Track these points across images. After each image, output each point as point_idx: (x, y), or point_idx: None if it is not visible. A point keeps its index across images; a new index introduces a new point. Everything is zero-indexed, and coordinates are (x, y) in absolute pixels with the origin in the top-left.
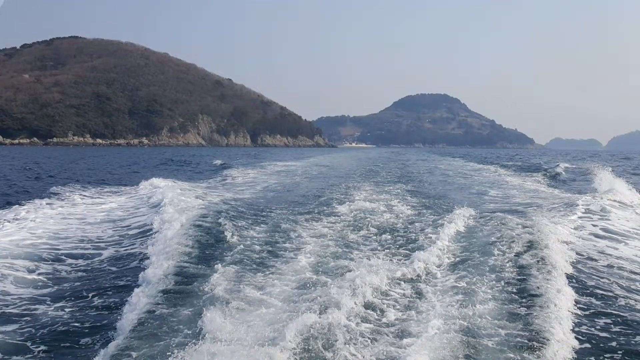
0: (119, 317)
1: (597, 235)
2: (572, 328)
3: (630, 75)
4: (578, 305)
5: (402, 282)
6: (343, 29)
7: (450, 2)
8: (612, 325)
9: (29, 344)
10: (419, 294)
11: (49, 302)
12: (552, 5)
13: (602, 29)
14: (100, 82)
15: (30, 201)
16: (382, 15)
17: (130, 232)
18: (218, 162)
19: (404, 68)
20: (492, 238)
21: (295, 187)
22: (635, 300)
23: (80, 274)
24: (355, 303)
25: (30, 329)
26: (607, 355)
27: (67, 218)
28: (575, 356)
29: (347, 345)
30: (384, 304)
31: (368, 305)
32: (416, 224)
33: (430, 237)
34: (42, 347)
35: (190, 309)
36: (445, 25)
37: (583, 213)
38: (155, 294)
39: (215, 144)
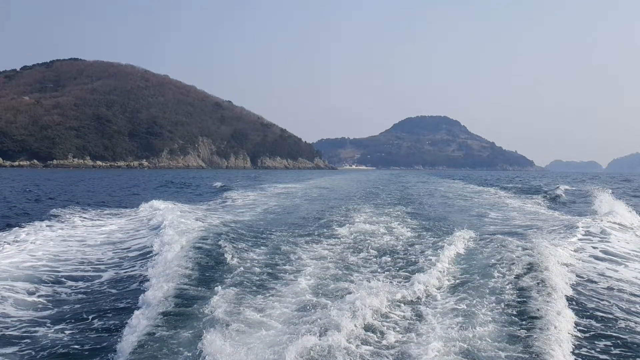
0: (119, 340)
1: (597, 258)
2: (572, 350)
3: (629, 97)
4: (578, 328)
5: (402, 304)
6: (342, 50)
7: (449, 24)
8: (612, 348)
9: None
10: (419, 316)
11: (49, 325)
12: (552, 29)
13: (602, 52)
14: (100, 104)
15: (30, 223)
16: (382, 37)
17: (130, 254)
18: (218, 184)
19: (403, 90)
20: (492, 260)
21: (295, 209)
22: (636, 323)
23: (80, 296)
24: (355, 325)
25: (30, 351)
26: None
27: (67, 240)
28: None
29: None
30: (384, 326)
31: (368, 328)
32: (416, 246)
33: (430, 259)
34: None
35: (190, 331)
36: (445, 46)
37: (583, 235)
38: (155, 316)
39: (215, 166)
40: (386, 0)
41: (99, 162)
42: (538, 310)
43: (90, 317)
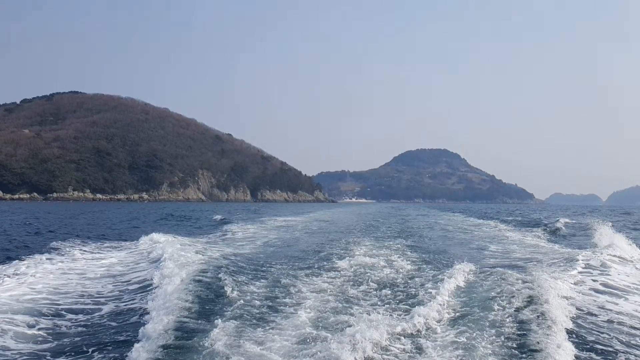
0: None
1: (597, 291)
2: None
3: (629, 130)
4: None
5: (402, 337)
6: (342, 83)
7: (449, 55)
8: None
9: None
10: (419, 349)
11: (49, 358)
12: (551, 61)
13: (601, 82)
14: (100, 137)
15: (31, 256)
16: (382, 68)
17: (130, 287)
18: (218, 217)
19: (403, 123)
20: (492, 293)
21: (295, 242)
22: (636, 356)
23: (80, 329)
24: (355, 358)
25: None
26: None
27: (67, 273)
28: None
29: None
30: (384, 359)
31: None
32: (416, 279)
33: (430, 292)
34: None
35: None
36: (445, 78)
37: (583, 268)
38: (155, 349)
39: (215, 199)
40: (384, 34)
41: (99, 195)
42: (538, 343)
43: (90, 350)
